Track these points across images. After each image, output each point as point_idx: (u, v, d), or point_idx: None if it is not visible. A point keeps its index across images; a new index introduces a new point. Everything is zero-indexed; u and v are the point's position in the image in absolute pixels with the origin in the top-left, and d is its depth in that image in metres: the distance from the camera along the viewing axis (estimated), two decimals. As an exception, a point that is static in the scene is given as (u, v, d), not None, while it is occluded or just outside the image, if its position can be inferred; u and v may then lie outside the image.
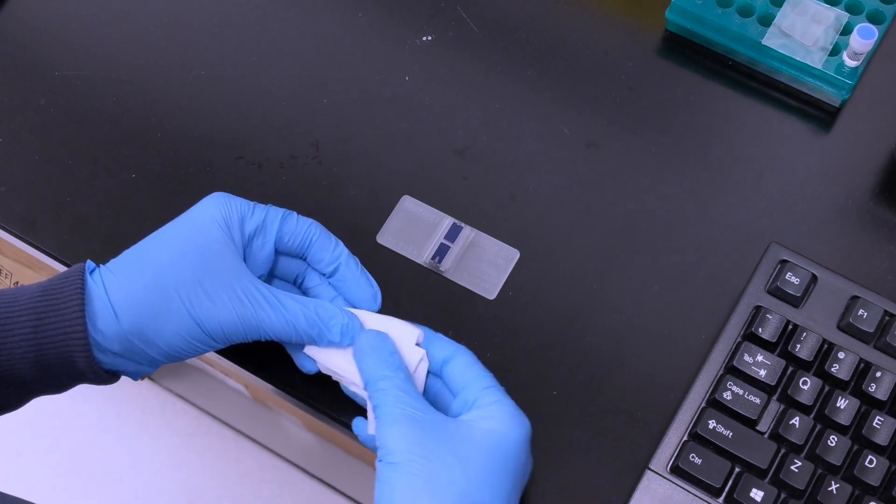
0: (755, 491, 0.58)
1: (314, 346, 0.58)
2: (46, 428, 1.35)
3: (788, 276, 0.62)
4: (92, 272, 0.56)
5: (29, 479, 1.33)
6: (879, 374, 0.60)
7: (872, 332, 0.61)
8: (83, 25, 0.75)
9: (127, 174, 0.69)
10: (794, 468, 0.58)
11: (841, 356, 0.60)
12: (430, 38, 0.73)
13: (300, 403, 0.64)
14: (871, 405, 0.60)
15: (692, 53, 0.72)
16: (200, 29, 0.74)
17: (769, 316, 0.61)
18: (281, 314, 0.56)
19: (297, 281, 0.62)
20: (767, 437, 0.60)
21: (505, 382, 0.58)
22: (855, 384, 0.60)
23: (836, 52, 0.68)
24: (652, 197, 0.68)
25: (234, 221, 0.57)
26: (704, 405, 0.61)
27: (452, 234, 0.66)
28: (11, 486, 1.32)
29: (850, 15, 0.69)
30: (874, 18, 0.69)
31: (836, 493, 0.57)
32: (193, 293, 0.54)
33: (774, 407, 0.60)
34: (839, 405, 0.59)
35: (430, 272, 0.66)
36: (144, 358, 0.56)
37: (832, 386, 0.60)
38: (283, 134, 0.70)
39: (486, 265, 0.66)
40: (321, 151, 0.70)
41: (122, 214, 0.68)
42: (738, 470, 0.59)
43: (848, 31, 0.69)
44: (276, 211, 0.59)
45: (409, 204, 0.68)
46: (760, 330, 0.61)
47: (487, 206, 0.68)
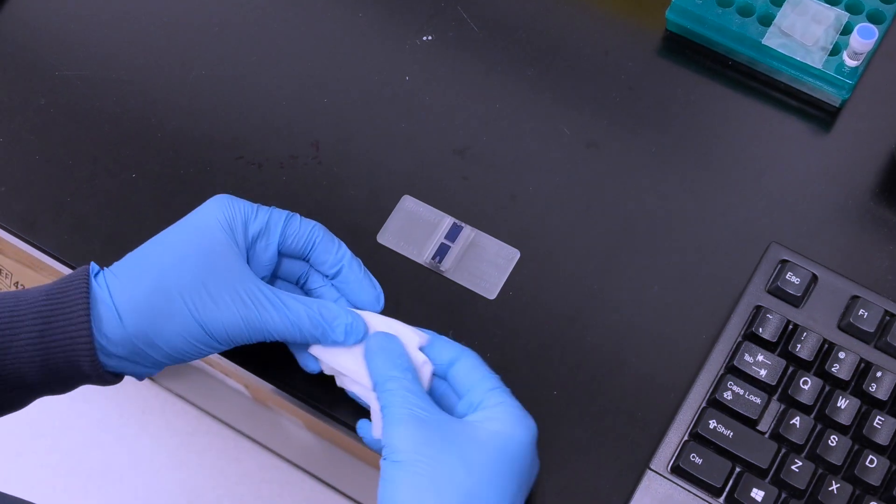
0: (756, 491, 0.58)
1: (319, 346, 0.58)
2: (46, 428, 1.35)
3: (789, 275, 0.62)
4: (96, 275, 0.56)
5: (29, 479, 1.33)
6: (880, 373, 0.60)
7: (873, 331, 0.61)
8: (83, 25, 0.75)
9: (127, 174, 0.69)
10: (794, 468, 0.58)
11: (841, 356, 0.60)
12: (430, 37, 0.73)
13: (301, 403, 0.64)
14: (871, 405, 0.60)
15: (692, 53, 0.72)
16: (200, 29, 0.74)
17: (769, 316, 0.61)
18: (284, 315, 0.56)
19: (299, 282, 0.62)
20: (768, 436, 0.60)
21: (505, 382, 0.58)
22: (855, 384, 0.60)
23: (836, 51, 0.68)
24: (652, 197, 0.68)
25: (237, 224, 0.57)
26: (705, 405, 0.61)
27: (453, 233, 0.66)
28: (11, 486, 1.32)
29: (850, 15, 0.69)
30: (874, 18, 0.69)
31: (836, 493, 0.57)
32: (197, 297, 0.54)
33: (775, 407, 0.60)
34: (840, 405, 0.59)
35: (430, 272, 0.66)
36: (149, 360, 0.56)
37: (833, 386, 0.60)
38: (283, 134, 0.70)
39: (486, 265, 0.66)
40: (321, 151, 0.70)
41: (122, 214, 0.68)
42: (738, 470, 0.59)
43: (848, 30, 0.69)
44: (279, 213, 0.59)
45: (409, 204, 0.68)
46: (761, 330, 0.61)
47: (488, 205, 0.68)
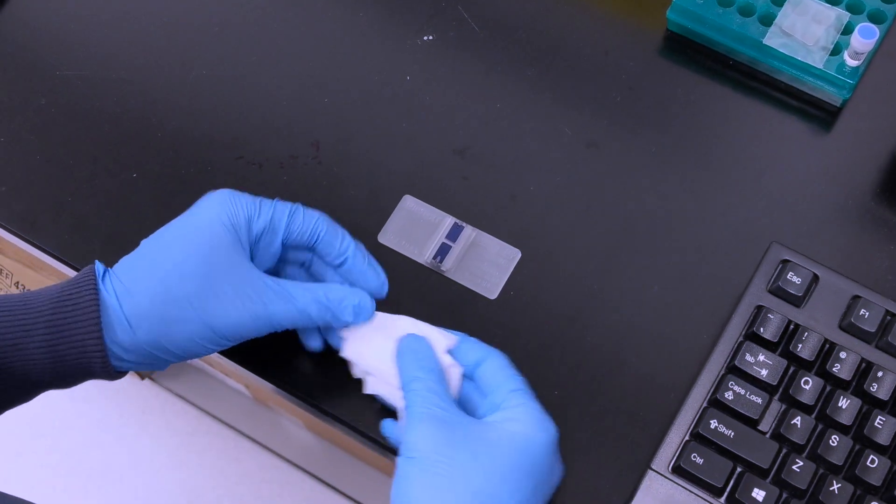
0: (757, 491, 0.58)
1: (352, 348, 0.59)
2: (46, 428, 1.35)
3: (790, 275, 0.62)
4: (103, 278, 0.56)
5: (29, 479, 1.33)
6: (881, 373, 0.60)
7: (874, 331, 0.61)
8: (83, 25, 0.75)
9: (127, 174, 0.69)
10: (795, 468, 0.58)
11: (842, 356, 0.60)
12: (430, 37, 0.73)
13: (301, 403, 0.64)
14: (872, 405, 0.60)
15: (693, 53, 0.72)
16: (200, 29, 0.74)
17: (770, 315, 0.61)
18: (292, 305, 0.56)
19: (304, 264, 0.62)
20: (769, 436, 0.60)
21: (506, 382, 0.58)
22: (856, 384, 0.60)
23: (837, 51, 0.68)
24: (652, 197, 0.68)
25: (240, 221, 0.57)
26: (706, 405, 0.61)
27: (454, 233, 0.66)
28: (11, 486, 1.32)
29: (850, 14, 0.69)
30: (875, 18, 0.69)
31: (837, 492, 0.57)
32: (206, 301, 0.55)
33: (776, 407, 0.60)
34: (841, 405, 0.59)
35: (431, 272, 0.66)
36: (158, 361, 0.57)
37: (834, 386, 0.60)
38: (283, 134, 0.70)
39: (487, 265, 0.66)
40: (321, 151, 0.70)
41: (122, 214, 0.68)
42: (739, 470, 0.59)
43: (849, 30, 0.69)
44: (282, 208, 0.59)
45: (410, 203, 0.68)
46: (762, 329, 0.61)
47: (488, 205, 0.68)
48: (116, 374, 0.56)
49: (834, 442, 0.58)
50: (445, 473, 0.51)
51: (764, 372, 0.60)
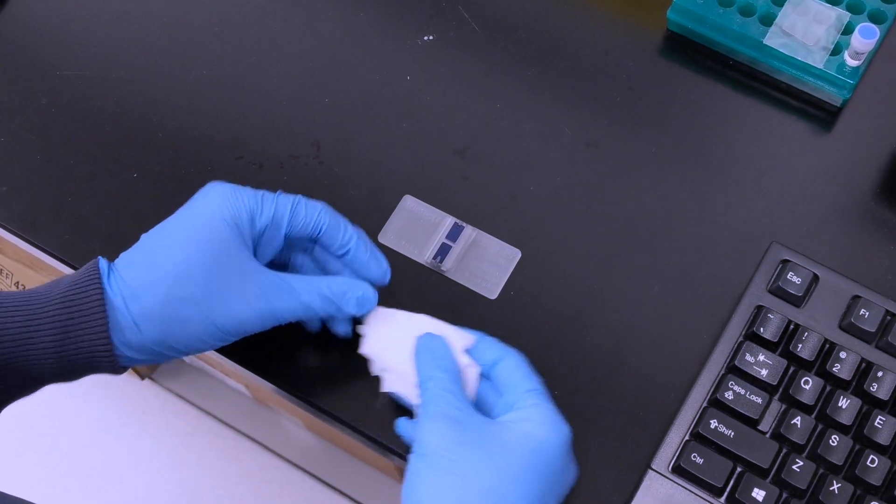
0: (757, 490, 0.58)
1: (372, 345, 0.60)
2: (46, 428, 1.35)
3: (790, 275, 0.62)
4: (108, 276, 0.56)
5: (29, 479, 1.33)
6: (881, 373, 0.60)
7: (874, 331, 0.61)
8: (83, 25, 0.75)
9: (127, 174, 0.69)
10: (795, 468, 0.58)
11: (842, 356, 0.60)
12: (430, 37, 0.73)
13: (301, 403, 0.64)
14: (872, 405, 0.60)
15: (693, 53, 0.72)
16: (200, 29, 0.74)
17: (770, 315, 0.61)
18: (296, 300, 0.57)
19: (307, 250, 0.63)
20: (769, 436, 0.60)
21: (506, 382, 0.58)
22: (856, 384, 0.60)
23: (837, 51, 0.68)
24: (652, 197, 0.68)
25: (243, 219, 0.57)
26: (706, 405, 0.61)
27: (454, 233, 0.66)
28: (11, 486, 1.32)
29: (851, 14, 0.69)
30: (875, 18, 0.69)
31: (837, 492, 0.57)
32: (212, 301, 0.55)
33: (776, 407, 0.60)
34: (841, 405, 0.59)
35: (431, 272, 0.66)
36: (162, 357, 0.57)
37: (834, 386, 0.60)
38: (283, 134, 0.70)
39: (487, 265, 0.66)
40: (322, 151, 0.70)
41: (122, 214, 0.68)
42: (739, 469, 0.59)
43: (849, 30, 0.69)
44: (284, 203, 0.59)
45: (410, 203, 0.68)
46: (762, 329, 0.61)
47: (488, 205, 0.68)
48: (122, 369, 0.57)
49: (834, 442, 0.58)
50: (456, 472, 0.51)
51: (764, 372, 0.60)
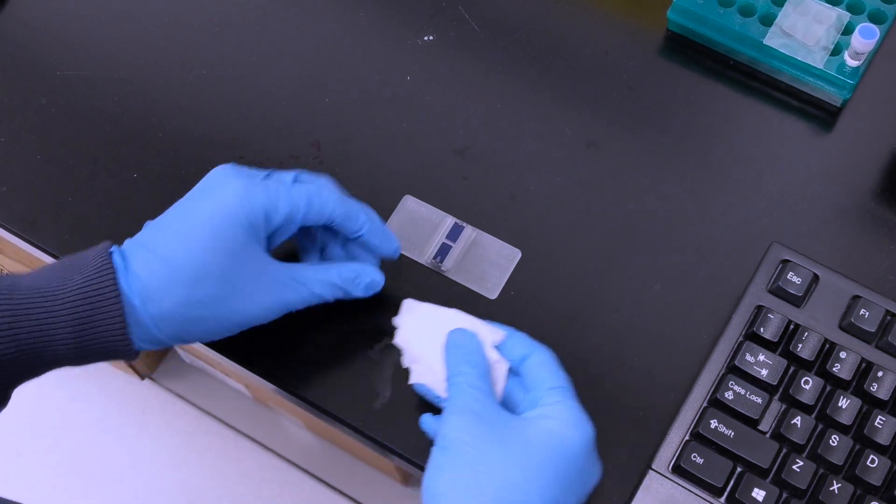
0: (757, 490, 0.58)
1: (404, 338, 0.60)
2: (46, 428, 1.35)
3: (790, 275, 0.62)
4: (126, 275, 0.56)
5: (29, 479, 1.33)
6: (881, 373, 0.60)
7: (874, 331, 0.61)
8: (83, 25, 0.75)
9: (127, 174, 0.69)
10: (795, 468, 0.58)
11: (842, 356, 0.60)
12: (430, 37, 0.73)
13: (301, 403, 0.64)
14: (872, 405, 0.60)
15: (693, 53, 0.72)
16: (200, 29, 0.74)
17: (771, 315, 0.61)
18: (307, 291, 0.59)
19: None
20: (769, 436, 0.60)
21: (506, 382, 0.58)
22: (856, 384, 0.60)
23: (837, 51, 0.68)
24: (652, 197, 0.68)
25: (259, 221, 0.57)
26: (706, 405, 0.61)
27: (454, 233, 0.66)
28: (11, 486, 1.32)
29: (851, 15, 0.69)
30: (875, 18, 0.69)
31: (837, 492, 0.57)
32: (227, 300, 0.57)
33: (776, 406, 0.60)
34: (841, 405, 0.59)
35: (431, 272, 0.66)
36: (174, 344, 0.59)
37: (834, 386, 0.60)
38: (283, 134, 0.70)
39: (487, 265, 0.66)
40: (322, 151, 0.70)
41: (122, 214, 0.68)
42: (739, 469, 0.59)
43: (849, 30, 0.69)
44: (298, 199, 0.58)
45: (410, 204, 0.68)
46: (762, 329, 0.61)
47: (488, 205, 0.68)
48: (136, 355, 0.58)
49: (834, 442, 0.58)
50: (476, 466, 0.52)
51: (764, 372, 0.60)
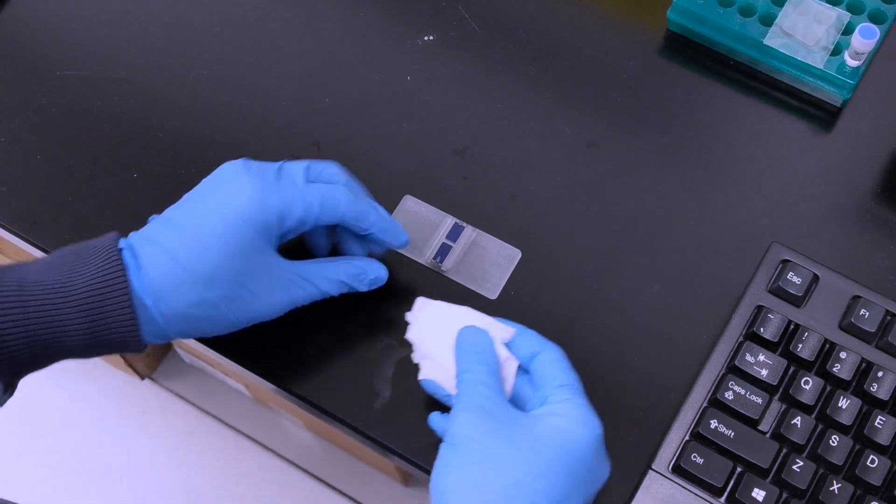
0: (757, 491, 0.58)
1: (415, 334, 0.60)
2: (46, 428, 1.35)
3: (790, 275, 0.62)
4: (137, 273, 0.56)
5: (29, 479, 1.33)
6: (881, 373, 0.60)
7: (874, 331, 0.61)
8: (83, 25, 0.75)
9: (127, 174, 0.69)
10: (795, 468, 0.58)
11: (842, 356, 0.60)
12: (430, 37, 0.73)
13: (301, 403, 0.64)
14: (872, 405, 0.60)
15: (693, 53, 0.72)
16: (200, 29, 0.74)
17: (771, 315, 0.61)
18: (314, 289, 0.60)
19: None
20: (769, 436, 0.60)
21: (506, 382, 0.58)
22: (856, 384, 0.60)
23: (837, 51, 0.68)
24: (652, 197, 0.68)
25: (272, 224, 0.58)
26: (706, 405, 0.61)
27: (454, 233, 0.66)
28: (11, 486, 1.32)
29: (851, 15, 0.69)
30: (876, 18, 0.69)
31: (837, 492, 0.57)
32: (237, 302, 0.57)
33: (776, 407, 0.60)
34: (841, 405, 0.59)
35: (431, 272, 0.66)
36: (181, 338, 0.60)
37: (834, 386, 0.60)
38: (283, 134, 0.70)
39: (487, 265, 0.66)
40: (322, 151, 0.70)
41: (122, 214, 0.68)
42: (739, 470, 0.59)
43: (849, 30, 0.69)
44: (312, 202, 0.59)
45: (410, 204, 0.68)
46: (762, 329, 0.61)
47: (488, 206, 0.68)
48: (144, 348, 0.59)
49: (834, 442, 0.58)
50: (484, 462, 0.52)
51: (764, 372, 0.60)
